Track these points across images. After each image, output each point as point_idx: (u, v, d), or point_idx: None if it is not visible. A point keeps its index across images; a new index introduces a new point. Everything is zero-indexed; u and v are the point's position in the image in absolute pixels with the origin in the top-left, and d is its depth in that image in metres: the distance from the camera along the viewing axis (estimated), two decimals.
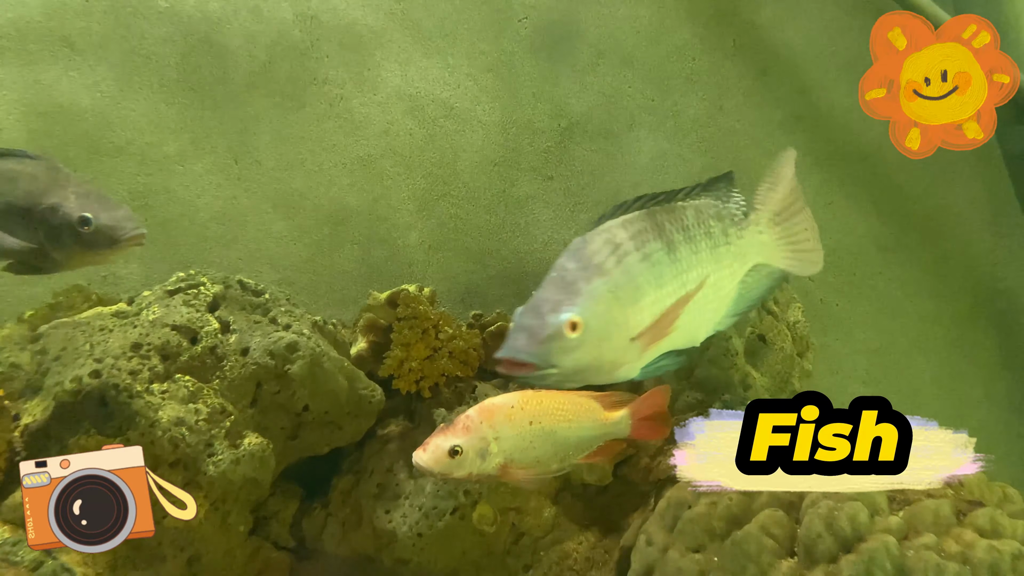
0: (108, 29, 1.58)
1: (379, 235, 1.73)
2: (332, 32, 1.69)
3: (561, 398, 1.16)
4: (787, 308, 1.63)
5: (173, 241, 1.61)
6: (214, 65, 1.63)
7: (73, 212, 1.14)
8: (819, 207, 1.91)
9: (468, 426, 1.09)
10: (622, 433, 1.19)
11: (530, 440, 1.12)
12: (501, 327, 1.53)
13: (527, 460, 1.12)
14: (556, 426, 1.14)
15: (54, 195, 1.15)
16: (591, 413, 1.17)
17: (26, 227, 1.16)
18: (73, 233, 1.14)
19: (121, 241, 1.16)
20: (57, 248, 1.16)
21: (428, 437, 1.10)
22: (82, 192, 1.17)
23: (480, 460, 1.09)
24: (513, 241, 1.79)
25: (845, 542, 1.11)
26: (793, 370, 1.60)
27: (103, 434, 1.21)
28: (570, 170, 1.80)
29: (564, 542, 1.46)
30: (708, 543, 1.21)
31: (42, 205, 1.15)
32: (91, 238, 1.15)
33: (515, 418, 1.12)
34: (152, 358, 1.29)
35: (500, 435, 1.10)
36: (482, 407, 1.12)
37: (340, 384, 1.41)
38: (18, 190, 1.16)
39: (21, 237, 1.16)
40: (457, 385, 1.51)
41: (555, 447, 1.14)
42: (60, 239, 1.15)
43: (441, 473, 1.08)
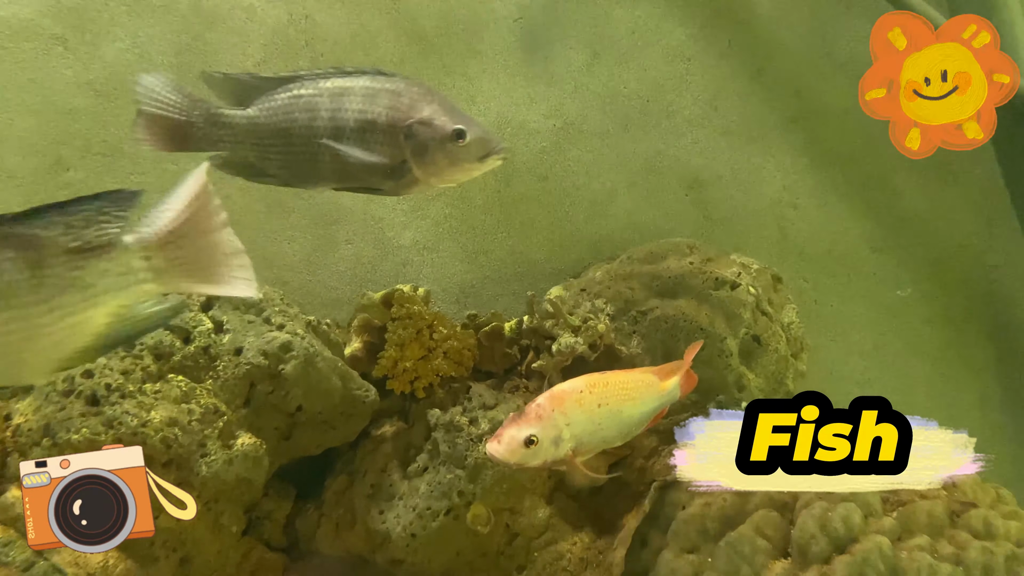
0: (102, 28, 1.57)
1: (373, 235, 1.73)
2: (327, 31, 1.69)
3: (624, 377, 1.18)
4: (781, 309, 1.63)
5: None
6: (208, 63, 1.62)
7: (446, 125, 1.10)
8: (813, 208, 1.91)
9: (540, 414, 1.09)
10: (675, 398, 1.21)
11: (599, 423, 1.12)
12: (496, 327, 1.53)
13: (595, 442, 1.13)
14: (622, 405, 1.15)
15: (423, 109, 1.12)
16: (652, 387, 1.19)
17: (386, 143, 1.12)
18: (443, 147, 1.11)
19: (491, 154, 1.12)
20: (421, 164, 1.12)
21: (500, 428, 1.10)
22: (447, 107, 1.13)
23: (554, 447, 1.09)
24: (508, 241, 1.79)
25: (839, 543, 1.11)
26: (788, 371, 1.60)
27: (95, 434, 1.21)
28: (565, 170, 1.80)
29: (558, 543, 1.46)
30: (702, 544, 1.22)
31: (411, 119, 1.11)
32: (462, 152, 1.11)
33: (584, 402, 1.12)
34: (145, 358, 1.29)
35: (571, 420, 1.10)
36: (551, 394, 1.12)
37: (334, 384, 1.41)
38: (378, 106, 1.13)
39: (379, 154, 1.12)
40: (452, 385, 1.50)
41: (621, 426, 1.15)
42: (427, 154, 1.11)
43: (518, 463, 1.08)
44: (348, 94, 1.14)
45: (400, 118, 1.12)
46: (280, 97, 1.16)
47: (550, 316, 1.50)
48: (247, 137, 1.17)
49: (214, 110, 1.16)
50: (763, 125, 1.89)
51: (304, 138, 1.14)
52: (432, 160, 1.12)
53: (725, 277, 1.54)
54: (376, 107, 1.13)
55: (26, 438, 1.21)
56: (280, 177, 1.19)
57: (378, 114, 1.13)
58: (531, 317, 1.53)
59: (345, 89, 1.15)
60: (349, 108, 1.14)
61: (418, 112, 1.12)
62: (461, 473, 1.39)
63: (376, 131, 1.12)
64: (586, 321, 1.49)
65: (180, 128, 1.17)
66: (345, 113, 1.14)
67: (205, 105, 1.17)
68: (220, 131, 1.17)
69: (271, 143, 1.16)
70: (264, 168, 1.19)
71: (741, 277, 1.55)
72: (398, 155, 1.12)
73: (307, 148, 1.15)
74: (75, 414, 1.21)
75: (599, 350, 1.48)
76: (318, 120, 1.14)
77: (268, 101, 1.16)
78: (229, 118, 1.17)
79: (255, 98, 1.17)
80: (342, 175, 1.16)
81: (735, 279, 1.54)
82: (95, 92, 1.56)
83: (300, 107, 1.15)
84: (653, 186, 1.84)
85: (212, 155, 1.17)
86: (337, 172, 1.16)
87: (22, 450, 1.21)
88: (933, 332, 2.00)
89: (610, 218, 1.82)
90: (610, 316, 1.53)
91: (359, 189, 1.19)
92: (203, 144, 1.18)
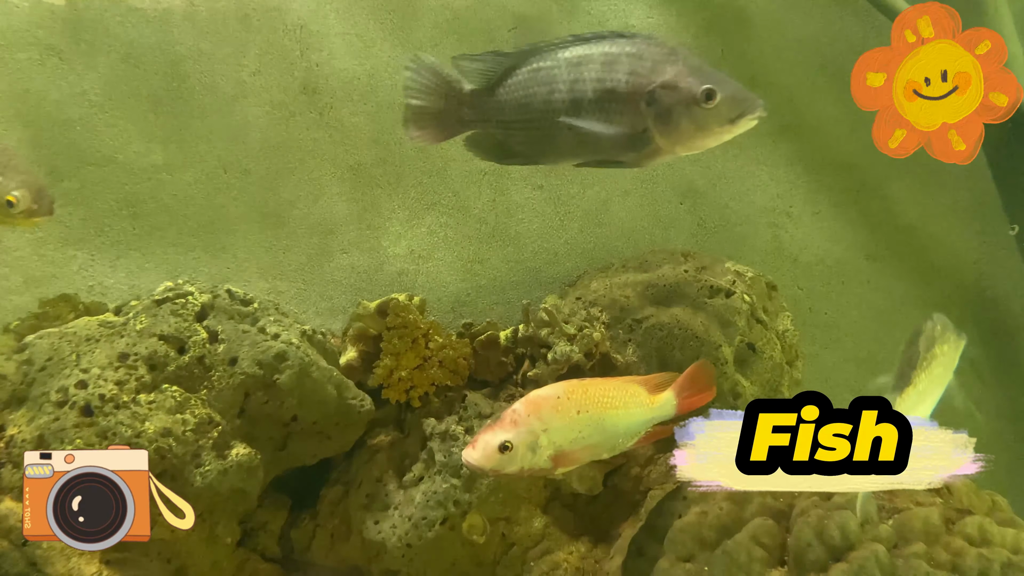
0: (97, 38, 1.57)
1: (369, 244, 1.73)
2: (322, 41, 1.69)
3: (605, 385, 1.16)
4: (776, 317, 1.64)
5: (161, 251, 1.60)
6: (203, 73, 1.62)
7: (693, 86, 1.02)
8: (807, 216, 1.92)
9: (516, 420, 1.08)
10: (669, 414, 1.18)
11: (579, 430, 1.11)
12: (491, 336, 1.53)
13: (578, 450, 1.11)
14: (604, 413, 1.13)
15: (666, 71, 1.04)
16: (637, 398, 1.16)
17: (627, 112, 1.06)
18: (688, 112, 1.03)
19: (745, 114, 1.05)
20: (664, 131, 1.05)
21: (476, 434, 1.09)
22: (694, 66, 1.05)
23: (531, 454, 1.08)
24: (503, 250, 1.79)
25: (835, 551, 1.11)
26: (783, 379, 1.60)
27: (89, 445, 1.20)
28: (560, 179, 1.80)
29: (554, 552, 1.45)
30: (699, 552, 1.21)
31: (652, 84, 1.04)
32: (711, 116, 1.03)
33: (562, 408, 1.11)
34: (139, 368, 1.29)
35: (549, 427, 1.09)
36: (528, 400, 1.11)
37: (329, 394, 1.41)
38: (618, 73, 1.06)
39: (617, 124, 1.06)
40: (447, 394, 1.50)
41: (604, 435, 1.13)
42: (670, 120, 1.04)
43: (493, 470, 1.07)
44: (586, 63, 1.09)
45: (641, 83, 1.05)
46: (521, 71, 1.12)
47: (545, 325, 1.50)
48: (492, 115, 1.14)
49: (463, 90, 1.14)
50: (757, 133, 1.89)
51: (542, 112, 1.10)
52: (676, 127, 1.05)
53: (720, 285, 1.55)
54: (615, 74, 1.07)
55: (20, 449, 1.20)
56: (524, 155, 1.17)
57: (617, 81, 1.07)
58: (526, 326, 1.53)
59: (583, 58, 1.09)
60: (587, 78, 1.09)
61: (661, 75, 1.05)
62: (457, 482, 1.39)
63: (616, 100, 1.07)
64: (581, 329, 1.49)
65: (444, 115, 1.14)
66: (583, 84, 1.09)
67: (457, 86, 1.14)
68: (471, 111, 1.14)
69: (513, 120, 1.13)
70: (510, 146, 1.16)
71: (736, 285, 1.56)
72: (639, 123, 1.06)
73: (546, 123, 1.11)
74: (69, 425, 1.21)
75: (595, 358, 1.48)
76: (556, 93, 1.10)
77: (511, 76, 1.13)
78: (475, 97, 1.14)
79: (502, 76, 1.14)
80: (582, 149, 1.12)
81: (730, 287, 1.55)
82: (89, 103, 1.56)
83: (538, 80, 1.11)
84: (647, 194, 1.85)
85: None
86: (577, 146, 1.11)
87: (16, 461, 1.20)
88: None
89: (605, 226, 1.82)
90: (605, 324, 1.53)
91: (600, 163, 1.14)
92: (460, 127, 1.16)
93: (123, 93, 1.58)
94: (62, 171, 1.55)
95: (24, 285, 1.52)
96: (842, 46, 1.90)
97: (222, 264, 1.64)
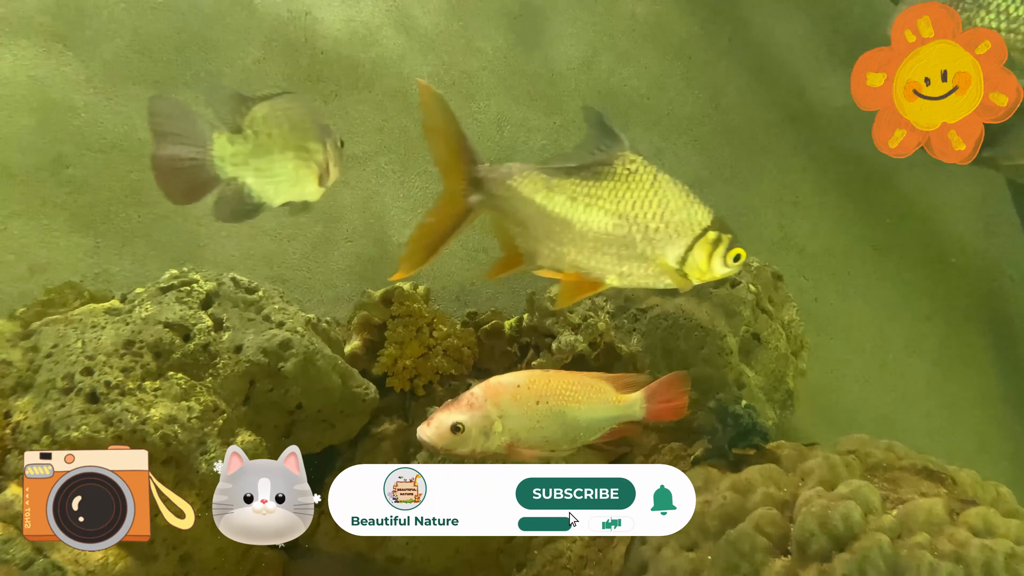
0: (102, 25, 1.57)
1: (374, 233, 1.72)
2: (326, 29, 1.69)
3: (570, 379, 1.15)
4: (782, 307, 1.63)
5: (166, 238, 1.60)
6: (208, 61, 1.62)
7: None
8: (813, 206, 1.91)
9: (472, 403, 1.08)
10: (636, 416, 1.17)
11: (537, 420, 1.10)
12: (496, 325, 1.53)
13: (535, 440, 1.11)
14: (565, 407, 1.12)
15: None
16: (602, 395, 1.15)
17: None
18: None
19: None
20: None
21: (433, 412, 1.09)
22: None
23: (484, 438, 1.08)
24: None
25: (839, 541, 1.11)
26: (788, 369, 1.60)
27: (95, 431, 1.20)
28: None
29: (558, 540, 1.46)
30: (702, 541, 1.21)
31: None
32: None
33: (520, 397, 1.10)
34: (144, 355, 1.29)
35: (505, 414, 1.08)
36: (487, 384, 1.11)
37: (334, 382, 1.41)
38: None
39: None
40: (451, 383, 1.50)
41: (564, 428, 1.13)
42: None
43: (444, 448, 1.07)
44: None
45: None
46: None
47: (550, 314, 1.49)
48: None
49: None
50: (764, 123, 1.89)
51: None
52: None
53: None
54: None
55: (25, 435, 1.21)
56: None
57: None
58: (531, 315, 1.53)
59: None
60: None
61: None
62: None
63: None
64: (586, 319, 1.49)
65: None
66: None
67: None
68: None
69: None
70: None
71: (741, 275, 1.55)
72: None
73: None
74: (75, 411, 1.21)
75: (599, 348, 1.48)
76: None
77: None
78: None
79: None
80: None
81: (735, 277, 1.54)
82: (94, 89, 1.56)
83: None
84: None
85: None
86: None
87: (21, 447, 1.20)
88: (933, 329, 2.00)
89: None
90: (610, 314, 1.53)
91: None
92: None
93: (129, 80, 1.58)
94: (67, 158, 1.55)
95: (30, 272, 1.52)
96: (849, 36, 1.89)
97: (227, 252, 1.64)
